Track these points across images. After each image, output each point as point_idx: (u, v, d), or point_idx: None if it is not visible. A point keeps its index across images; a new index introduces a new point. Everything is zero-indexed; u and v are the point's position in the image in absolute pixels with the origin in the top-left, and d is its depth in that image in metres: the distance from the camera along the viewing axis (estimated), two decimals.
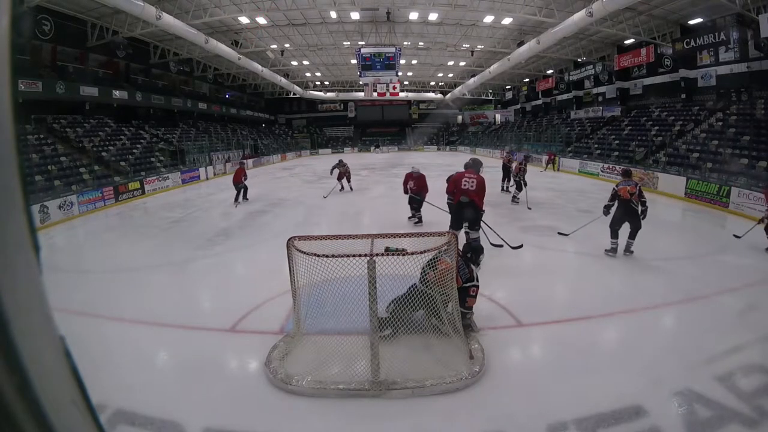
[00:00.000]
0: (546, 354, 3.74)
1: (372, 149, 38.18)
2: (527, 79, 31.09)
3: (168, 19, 14.70)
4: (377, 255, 3.03)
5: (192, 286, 5.67)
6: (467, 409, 2.88)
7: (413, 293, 3.49)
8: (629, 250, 6.10)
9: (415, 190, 8.09)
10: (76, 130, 15.49)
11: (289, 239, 3.34)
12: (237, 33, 20.25)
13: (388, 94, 24.60)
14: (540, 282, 5.28)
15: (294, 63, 26.96)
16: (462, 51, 23.82)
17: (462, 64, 27.27)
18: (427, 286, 3.47)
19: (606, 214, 6.12)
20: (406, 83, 33.35)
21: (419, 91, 36.51)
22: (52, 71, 15.51)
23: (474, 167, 5.75)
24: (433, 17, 18.52)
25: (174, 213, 10.78)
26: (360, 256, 3.00)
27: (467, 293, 3.70)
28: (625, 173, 6.36)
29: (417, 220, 8.15)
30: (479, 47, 22.99)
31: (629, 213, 5.88)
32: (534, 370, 3.43)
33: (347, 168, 12.97)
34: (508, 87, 35.14)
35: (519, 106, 34.49)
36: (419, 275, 3.51)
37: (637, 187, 5.90)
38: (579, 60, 22.76)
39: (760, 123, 12.54)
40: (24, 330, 0.48)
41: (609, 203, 6.05)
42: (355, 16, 18.25)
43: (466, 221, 5.75)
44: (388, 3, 16.96)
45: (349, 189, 12.96)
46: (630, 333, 4.02)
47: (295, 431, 2.77)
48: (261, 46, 22.19)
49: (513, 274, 5.48)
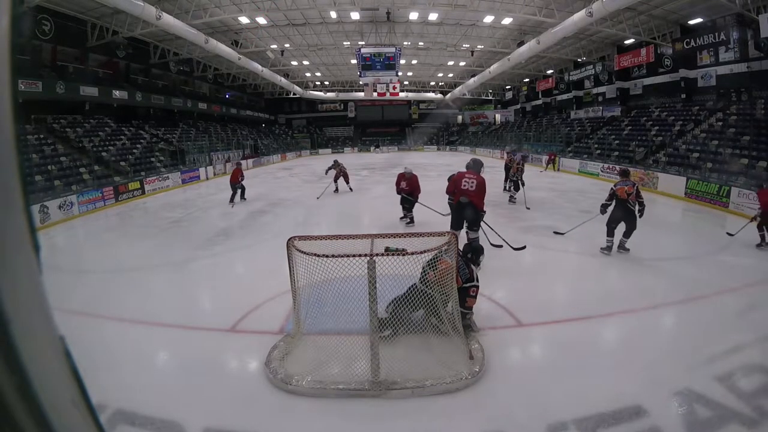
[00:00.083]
0: (546, 354, 3.74)
1: (372, 149, 38.17)
2: (527, 79, 31.10)
3: (168, 19, 14.70)
4: (377, 255, 3.03)
5: (192, 286, 5.67)
6: (467, 409, 2.88)
7: (413, 293, 3.49)
8: (624, 247, 6.18)
9: (408, 190, 8.07)
10: (76, 130, 15.49)
11: (289, 239, 3.34)
12: (237, 33, 20.26)
13: (388, 94, 24.63)
14: (540, 282, 5.28)
15: (294, 63, 26.96)
16: (462, 51, 23.82)
17: (462, 64, 27.27)
18: (427, 285, 3.47)
19: (603, 213, 6.17)
20: (406, 83, 33.36)
21: (419, 91, 36.51)
22: (52, 71, 15.50)
23: (474, 168, 5.74)
24: (433, 17, 18.51)
25: (174, 213, 10.78)
26: (360, 256, 3.00)
27: (467, 293, 3.70)
28: (623, 173, 6.40)
29: (409, 220, 8.13)
30: (479, 47, 22.99)
31: (626, 213, 5.95)
32: (534, 370, 3.43)
33: (342, 168, 12.73)
34: (508, 87, 35.16)
35: (519, 106, 34.50)
36: (419, 275, 3.51)
37: (635, 187, 5.95)
38: (579, 60, 22.77)
39: (760, 123, 12.53)
40: (24, 330, 0.48)
41: (606, 202, 6.11)
42: (355, 16, 18.24)
43: (466, 221, 5.75)
44: (388, 3, 16.96)
45: (349, 189, 12.78)
46: (630, 333, 4.02)
47: (295, 431, 2.77)
48: (261, 46, 22.19)
49: (513, 274, 5.48)
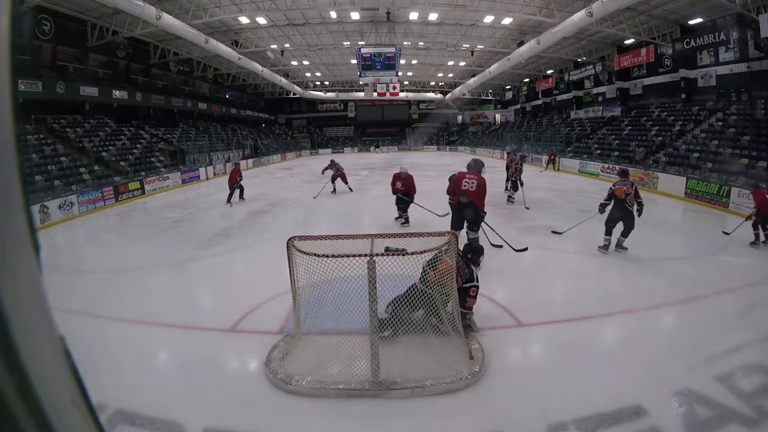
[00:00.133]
0: (546, 354, 3.74)
1: (372, 149, 38.18)
2: (527, 79, 31.10)
3: (168, 19, 14.70)
4: (377, 255, 3.03)
5: (192, 286, 5.67)
6: (467, 409, 2.88)
7: (413, 293, 3.49)
8: (621, 246, 6.23)
9: (403, 190, 8.06)
10: (76, 130, 15.49)
11: (289, 239, 3.34)
12: (237, 33, 20.26)
13: (388, 94, 24.62)
14: (540, 282, 5.28)
15: (294, 63, 26.96)
16: (462, 51, 23.82)
17: (462, 64, 27.28)
18: (427, 285, 3.47)
19: (601, 212, 6.21)
20: (406, 83, 33.36)
21: (419, 91, 36.52)
22: (52, 71, 15.50)
23: (475, 168, 5.74)
24: (433, 17, 18.51)
25: (174, 213, 10.78)
26: (360, 256, 2.99)
27: (467, 293, 3.70)
28: (622, 173, 6.46)
29: (404, 220, 8.12)
30: (479, 47, 22.99)
31: (624, 213, 6.00)
32: (534, 370, 3.43)
33: (339, 168, 12.54)
34: (508, 87, 35.17)
35: (519, 106, 34.50)
36: (419, 275, 3.51)
37: (633, 187, 5.99)
38: (579, 60, 22.77)
39: (760, 123, 12.53)
40: (24, 330, 0.48)
41: (605, 202, 6.15)
42: (355, 16, 18.24)
43: (466, 221, 5.75)
44: (388, 3, 16.96)
45: (348, 189, 12.66)
46: (630, 333, 4.02)
47: (295, 431, 2.77)
48: (261, 46, 22.19)
49: (513, 274, 5.48)
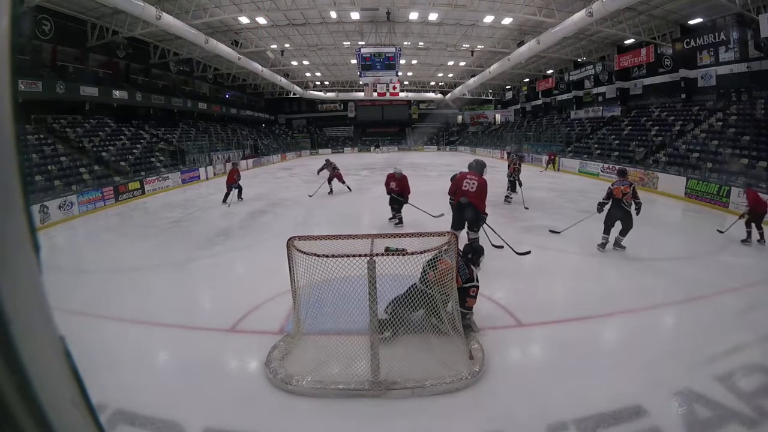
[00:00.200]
0: (546, 354, 3.74)
1: (372, 149, 38.18)
2: (527, 79, 31.09)
3: (168, 19, 14.70)
4: (377, 255, 3.03)
5: (192, 286, 5.67)
6: (467, 409, 2.88)
7: (413, 293, 3.49)
8: (620, 245, 6.29)
9: (397, 190, 8.02)
10: (76, 130, 15.48)
11: (289, 239, 3.34)
12: (237, 33, 20.26)
13: (388, 94, 24.62)
14: (540, 282, 5.28)
15: (294, 63, 26.96)
16: (462, 51, 23.81)
17: (462, 64, 27.27)
18: (427, 285, 3.47)
19: (599, 211, 6.26)
20: (406, 83, 33.35)
21: (419, 91, 36.51)
22: (52, 71, 15.49)
23: (477, 169, 5.73)
24: (433, 17, 18.51)
25: (174, 213, 10.78)
26: (360, 256, 2.99)
27: (467, 293, 3.70)
28: (621, 173, 6.52)
29: (397, 221, 8.09)
30: (479, 47, 22.99)
31: (621, 212, 6.06)
32: (534, 370, 3.43)
33: (335, 167, 12.37)
34: (508, 87, 35.16)
35: (519, 106, 34.50)
36: (419, 275, 3.51)
37: (631, 187, 6.03)
38: (579, 60, 22.77)
39: (760, 123, 12.53)
40: (24, 330, 0.48)
41: (603, 201, 6.21)
42: (355, 16, 18.24)
43: (466, 222, 5.75)
44: (388, 3, 16.96)
45: (347, 189, 12.54)
46: (630, 333, 4.02)
47: (295, 431, 2.77)
48: (261, 46, 22.18)
49: (513, 274, 5.48)
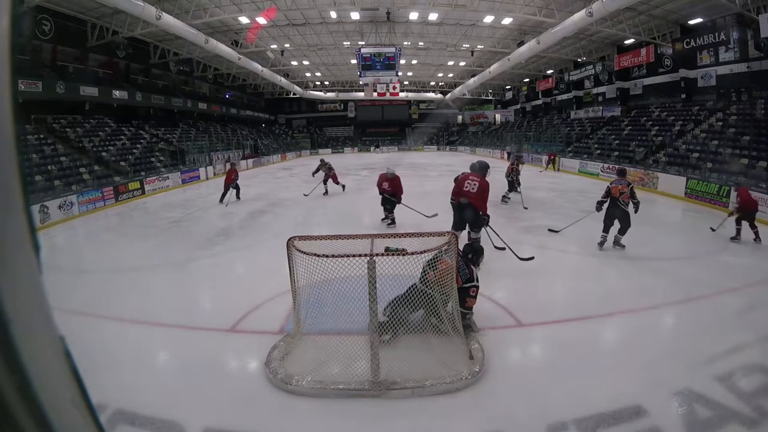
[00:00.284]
0: (546, 354, 3.74)
1: (372, 149, 38.17)
2: (527, 79, 31.09)
3: (168, 19, 14.70)
4: (377, 255, 3.03)
5: (192, 286, 5.67)
6: (467, 409, 2.88)
7: (413, 293, 3.48)
8: (619, 243, 6.33)
9: (390, 191, 7.98)
10: (76, 130, 15.48)
11: (289, 239, 3.34)
12: (237, 33, 20.24)
13: (388, 94, 24.63)
14: (540, 282, 5.28)
15: (294, 63, 26.95)
16: (462, 51, 23.81)
17: (462, 64, 27.27)
18: (427, 285, 3.47)
19: (598, 210, 6.32)
20: (406, 83, 33.35)
21: (419, 91, 36.51)
22: (52, 71, 15.49)
23: (480, 171, 5.73)
24: (433, 17, 18.51)
25: (174, 213, 10.78)
26: (360, 256, 2.99)
27: (467, 293, 3.70)
28: (620, 172, 6.58)
29: (390, 221, 8.06)
30: (479, 47, 22.98)
31: (619, 211, 6.13)
32: (534, 370, 3.43)
33: (330, 167, 12.24)
34: (508, 87, 35.16)
35: (519, 106, 34.50)
36: (419, 275, 3.51)
37: (629, 187, 6.09)
38: (579, 60, 22.76)
39: (760, 123, 12.53)
40: (24, 330, 0.48)
41: (602, 199, 6.27)
42: (355, 16, 18.24)
43: (467, 222, 5.76)
44: (388, 3, 16.96)
45: (341, 189, 12.35)
46: (630, 333, 4.02)
47: (295, 431, 2.77)
48: (261, 46, 22.18)
49: (513, 274, 5.47)
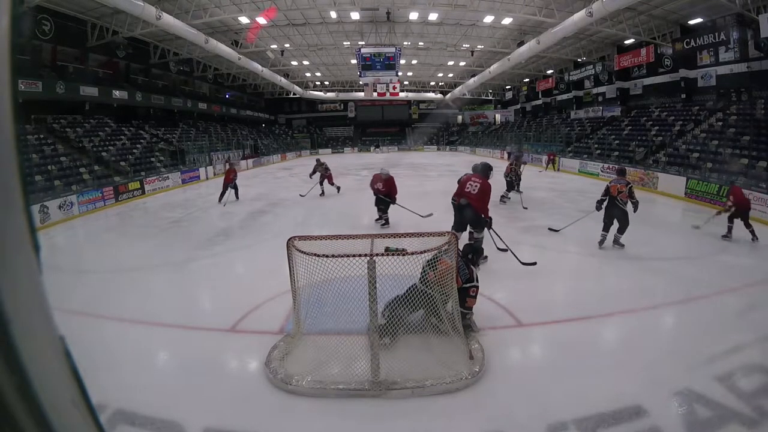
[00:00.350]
0: (546, 354, 3.74)
1: (372, 149, 38.17)
2: (527, 79, 31.09)
3: (168, 19, 14.70)
4: (377, 255, 3.03)
5: (192, 286, 5.67)
6: (467, 409, 2.88)
7: (413, 293, 3.48)
8: (618, 242, 6.38)
9: (384, 191, 7.95)
10: (76, 130, 15.48)
11: (289, 239, 3.34)
12: (237, 33, 20.25)
13: (388, 94, 24.65)
14: (540, 282, 5.27)
15: (294, 63, 26.95)
16: (462, 51, 23.81)
17: (462, 64, 27.26)
18: (427, 285, 3.47)
19: (598, 209, 6.35)
20: (406, 83, 33.35)
21: (419, 91, 36.51)
22: (52, 71, 15.49)
23: (482, 173, 5.72)
24: (433, 17, 18.51)
25: (174, 213, 10.78)
26: (360, 256, 2.99)
27: (467, 294, 3.70)
28: (620, 172, 6.63)
29: (384, 222, 8.04)
30: (479, 47, 22.98)
31: (618, 210, 6.17)
32: (534, 370, 3.43)
33: (326, 167, 12.16)
34: (508, 87, 35.16)
35: (519, 106, 34.50)
36: (419, 275, 3.51)
37: (627, 187, 6.13)
38: (579, 60, 22.76)
39: (760, 123, 12.53)
40: (24, 330, 0.48)
41: (602, 198, 6.31)
42: (355, 16, 18.24)
43: (469, 224, 5.76)
44: (388, 3, 16.96)
45: (336, 191, 12.20)
46: (630, 333, 4.02)
47: (295, 431, 2.77)
48: (261, 46, 22.18)
49: (513, 274, 5.46)
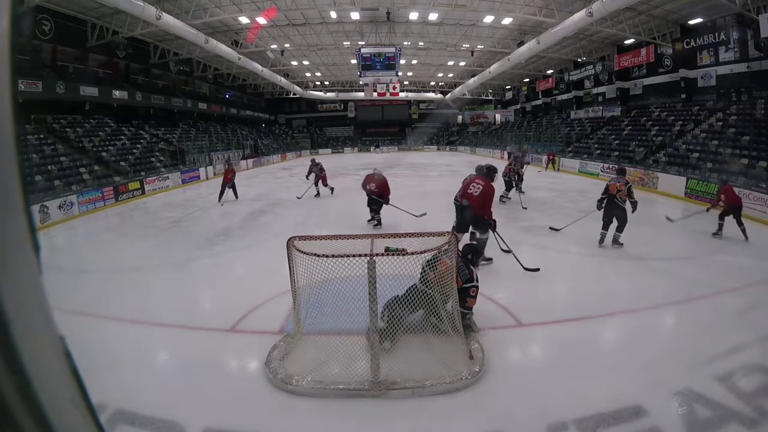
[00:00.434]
0: (546, 354, 3.74)
1: (372, 149, 38.17)
2: (527, 79, 31.09)
3: (168, 19, 14.70)
4: (377, 255, 3.03)
5: (192, 286, 5.67)
6: (467, 409, 2.88)
7: (413, 293, 3.48)
8: (618, 242, 6.42)
9: (377, 192, 7.92)
10: (76, 130, 15.48)
11: (289, 239, 3.34)
12: (237, 33, 20.24)
13: (388, 94, 24.65)
14: (540, 282, 5.27)
15: (294, 63, 26.95)
16: (462, 51, 23.81)
17: (462, 64, 27.26)
18: (427, 286, 3.47)
19: (599, 208, 6.40)
20: (406, 83, 33.35)
21: (419, 91, 36.51)
22: (52, 71, 15.49)
23: (488, 175, 5.72)
24: (433, 17, 18.51)
25: (174, 213, 10.78)
26: (360, 256, 2.99)
27: (467, 294, 3.70)
28: (620, 171, 6.68)
29: (376, 222, 8.03)
30: (479, 47, 22.98)
31: (617, 209, 6.21)
32: (534, 370, 3.43)
33: (321, 168, 12.13)
34: (508, 87, 35.16)
35: (519, 106, 34.50)
36: (419, 275, 3.51)
37: (626, 186, 6.17)
38: (579, 60, 22.77)
39: (760, 123, 12.53)
40: (24, 330, 0.48)
41: (602, 197, 6.36)
42: (355, 16, 18.24)
43: (471, 225, 5.76)
44: (388, 3, 16.96)
45: (330, 192, 12.14)
46: (630, 333, 4.02)
47: (295, 431, 2.77)
48: (261, 46, 22.18)
49: (513, 274, 5.46)
